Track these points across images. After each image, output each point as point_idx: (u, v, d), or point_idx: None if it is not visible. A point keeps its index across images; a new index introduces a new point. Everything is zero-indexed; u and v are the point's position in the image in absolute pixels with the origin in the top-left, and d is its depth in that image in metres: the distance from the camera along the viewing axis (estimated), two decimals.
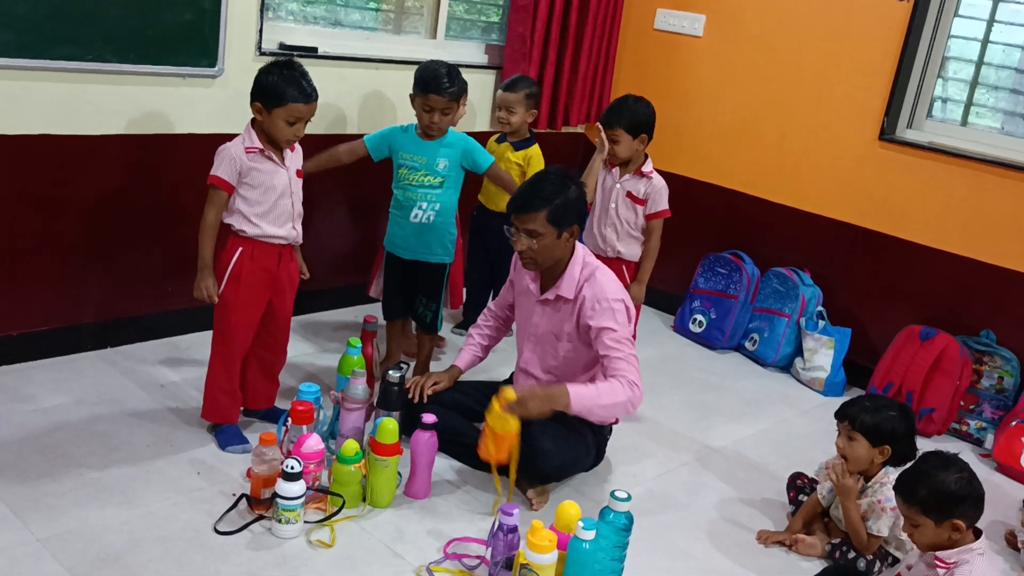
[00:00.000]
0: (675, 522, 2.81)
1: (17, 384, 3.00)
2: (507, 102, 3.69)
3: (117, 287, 3.32)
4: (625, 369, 2.66)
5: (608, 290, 2.74)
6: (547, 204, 2.66)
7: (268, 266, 2.76)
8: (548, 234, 2.69)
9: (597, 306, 2.71)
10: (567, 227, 2.71)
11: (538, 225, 2.67)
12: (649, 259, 3.40)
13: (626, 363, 2.67)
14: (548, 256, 2.74)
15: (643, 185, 3.35)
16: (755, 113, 4.37)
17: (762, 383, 4.03)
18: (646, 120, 3.32)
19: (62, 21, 2.88)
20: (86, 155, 3.11)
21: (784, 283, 4.21)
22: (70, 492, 2.48)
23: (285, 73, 2.64)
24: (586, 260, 2.82)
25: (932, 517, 2.18)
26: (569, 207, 2.70)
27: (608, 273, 2.81)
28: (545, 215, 2.66)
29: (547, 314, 2.85)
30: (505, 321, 3.12)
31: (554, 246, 2.72)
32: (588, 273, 2.78)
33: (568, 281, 2.77)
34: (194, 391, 3.05)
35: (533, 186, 2.75)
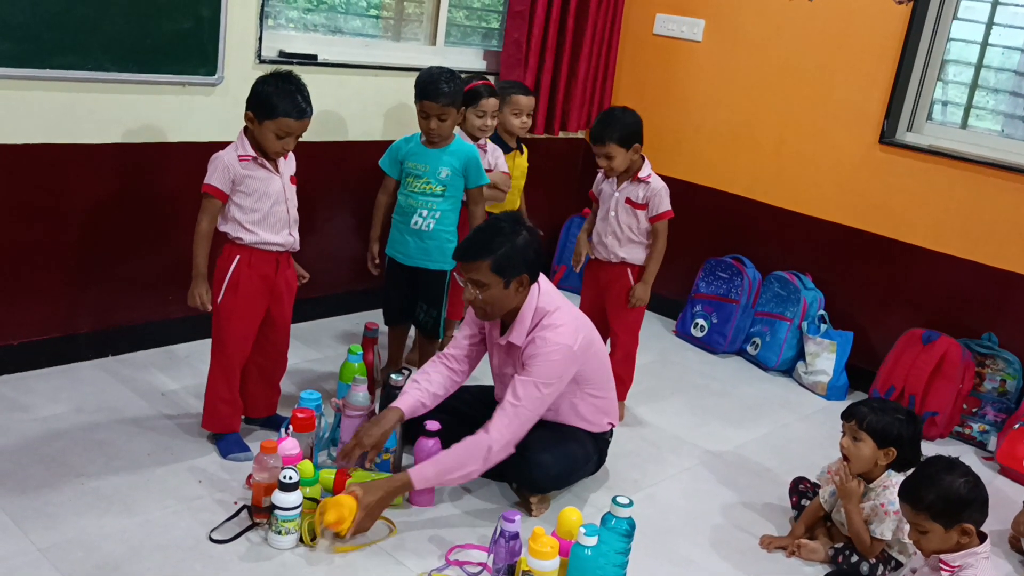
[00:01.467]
0: (677, 528, 2.79)
1: (16, 393, 2.99)
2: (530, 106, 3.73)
3: (116, 295, 3.32)
4: (497, 424, 2.55)
5: (548, 338, 2.60)
6: (490, 254, 2.53)
7: (266, 273, 2.76)
8: (494, 284, 2.55)
9: (531, 347, 2.62)
10: (514, 276, 2.57)
11: (482, 275, 2.54)
12: (654, 261, 3.37)
13: (506, 418, 2.56)
14: (497, 307, 2.61)
15: (641, 190, 3.34)
16: (755, 117, 4.37)
17: (764, 387, 4.02)
18: (636, 129, 3.27)
19: (61, 30, 2.88)
20: (85, 164, 3.11)
21: (785, 287, 4.20)
22: (70, 501, 2.47)
23: (281, 86, 2.62)
24: (539, 305, 2.66)
25: (941, 522, 2.17)
26: (515, 256, 2.55)
27: (563, 316, 2.67)
28: (488, 264, 2.53)
29: (504, 358, 2.80)
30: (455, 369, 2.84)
31: (503, 296, 2.58)
32: (538, 320, 2.65)
33: (519, 329, 2.66)
34: (193, 399, 3.04)
35: (480, 233, 2.63)
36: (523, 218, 2.70)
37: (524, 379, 2.59)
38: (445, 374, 2.81)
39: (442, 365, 2.83)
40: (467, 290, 2.60)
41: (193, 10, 3.15)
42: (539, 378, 2.59)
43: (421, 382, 2.77)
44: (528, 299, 2.66)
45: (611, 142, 3.22)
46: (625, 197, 3.33)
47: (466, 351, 2.85)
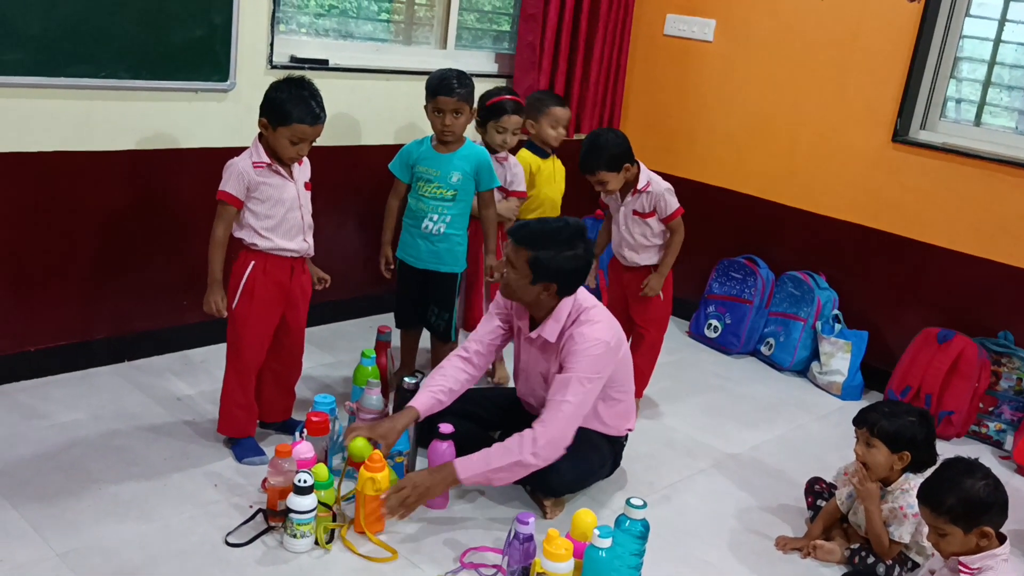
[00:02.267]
0: (692, 529, 2.79)
1: (34, 401, 3.02)
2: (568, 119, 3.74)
3: (132, 301, 3.34)
4: (546, 420, 2.55)
5: (587, 334, 2.62)
6: (533, 248, 2.57)
7: (280, 279, 2.77)
8: (522, 274, 2.60)
9: (571, 344, 2.63)
10: (543, 280, 2.59)
11: (517, 260, 2.60)
12: (670, 253, 3.40)
13: (554, 415, 2.56)
14: (516, 292, 2.66)
15: (644, 200, 3.36)
16: (767, 117, 4.36)
17: (778, 388, 4.01)
18: (622, 150, 3.27)
19: (75, 39, 2.91)
20: (100, 171, 3.13)
21: (799, 287, 4.19)
22: (88, 507, 2.49)
23: (294, 92, 2.63)
24: (576, 305, 2.68)
25: (961, 525, 2.16)
26: (554, 266, 2.57)
27: (600, 313, 2.70)
28: (527, 255, 2.58)
29: (534, 353, 2.81)
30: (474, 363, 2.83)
31: (524, 288, 2.62)
32: (575, 316, 2.67)
33: (552, 325, 2.68)
34: (209, 404, 3.06)
35: (544, 224, 2.66)
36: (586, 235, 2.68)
37: (567, 376, 2.60)
38: (461, 368, 2.81)
39: (459, 360, 2.82)
40: (500, 262, 2.62)
41: (205, 17, 3.17)
42: (582, 373, 2.60)
43: (437, 379, 2.77)
44: (563, 302, 2.68)
45: (600, 170, 3.25)
46: (632, 210, 3.37)
47: (486, 347, 2.85)
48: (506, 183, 3.48)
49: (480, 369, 2.85)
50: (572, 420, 2.60)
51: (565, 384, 2.59)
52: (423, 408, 2.69)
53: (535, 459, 2.53)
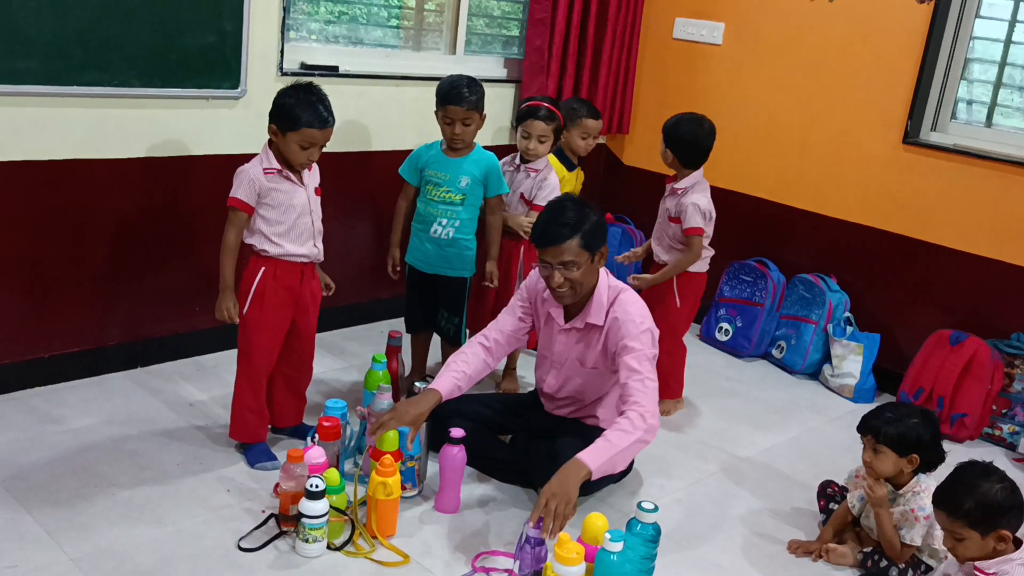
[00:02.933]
0: (704, 533, 2.78)
1: (48, 406, 3.04)
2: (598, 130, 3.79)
3: (144, 307, 3.37)
4: (638, 399, 2.58)
5: (633, 311, 2.70)
6: (578, 230, 2.60)
7: (291, 284, 2.78)
8: (583, 261, 2.63)
9: (623, 327, 2.68)
10: (597, 249, 2.67)
11: (573, 254, 2.61)
12: (672, 267, 3.44)
13: (643, 392, 2.60)
14: (586, 284, 2.70)
15: (674, 204, 3.42)
16: (777, 119, 4.35)
17: (790, 391, 4.00)
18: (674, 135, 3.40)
19: (87, 47, 2.93)
20: (112, 178, 3.16)
21: (810, 289, 4.18)
22: (101, 511, 2.50)
23: (302, 97, 2.65)
24: (610, 283, 2.77)
25: (979, 529, 2.15)
26: (597, 228, 2.65)
27: (632, 294, 2.78)
28: (578, 242, 2.61)
29: (571, 342, 2.82)
30: (493, 353, 2.85)
31: (590, 272, 2.68)
32: (613, 296, 2.74)
33: (596, 308, 2.73)
34: (221, 409, 3.08)
35: (556, 216, 2.64)
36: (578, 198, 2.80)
37: (634, 355, 2.63)
38: (481, 357, 2.82)
39: (480, 348, 2.83)
40: (555, 275, 2.62)
41: (216, 25, 3.20)
42: (646, 347, 2.66)
43: (459, 363, 2.77)
44: (600, 279, 2.74)
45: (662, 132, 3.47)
46: (665, 208, 3.45)
47: (506, 338, 2.87)
48: (529, 195, 3.45)
49: (497, 360, 2.88)
50: (655, 393, 2.64)
51: (637, 361, 2.62)
52: (445, 391, 2.70)
53: (650, 434, 2.58)
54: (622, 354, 2.66)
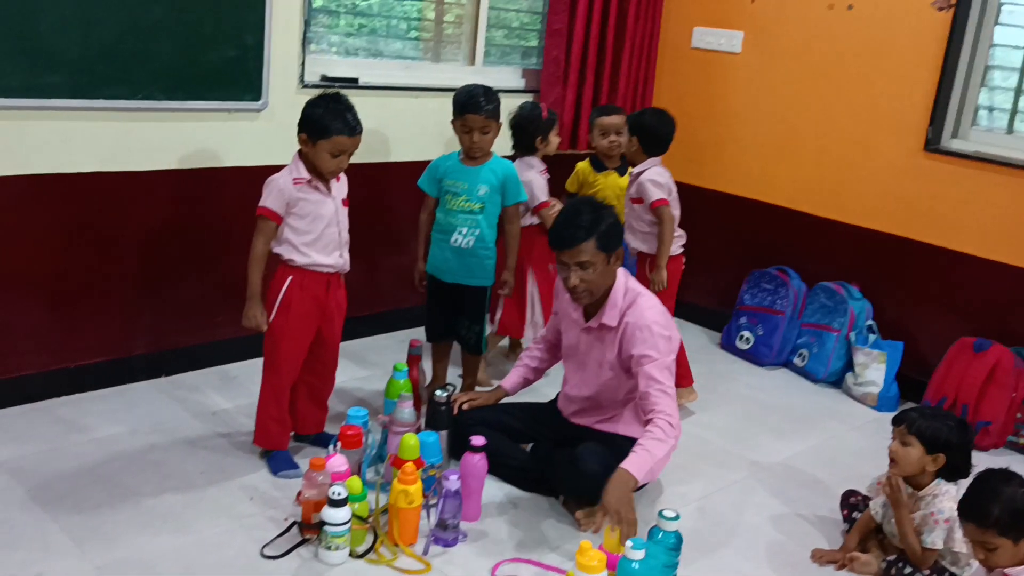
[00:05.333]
0: (726, 541, 2.77)
1: (74, 415, 3.08)
2: (616, 126, 3.76)
3: (169, 318, 3.40)
4: (662, 408, 2.61)
5: (649, 316, 2.71)
6: (593, 232, 2.64)
7: (317, 294, 2.81)
8: (599, 262, 2.67)
9: (639, 334, 2.68)
10: (613, 250, 2.70)
11: (589, 255, 2.65)
12: (663, 244, 3.51)
13: (664, 400, 2.62)
14: (601, 285, 2.72)
15: (634, 187, 3.55)
16: (796, 127, 4.34)
17: (812, 399, 3.98)
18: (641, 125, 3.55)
19: (111, 62, 2.98)
20: (137, 191, 3.20)
21: (832, 297, 4.16)
22: (126, 520, 2.53)
23: (331, 106, 2.69)
24: (628, 286, 2.79)
25: (1010, 536, 2.13)
26: (612, 230, 2.69)
27: (651, 299, 2.79)
28: (594, 243, 2.64)
29: (590, 342, 2.84)
30: (555, 347, 3.08)
31: (606, 273, 2.71)
32: (631, 299, 2.76)
33: (611, 309, 2.75)
34: (245, 418, 3.10)
35: (572, 218, 2.68)
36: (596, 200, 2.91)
37: (652, 364, 2.65)
38: (544, 348, 3.10)
39: (543, 343, 3.11)
40: (572, 276, 2.68)
41: (238, 38, 3.24)
42: (664, 355, 2.68)
43: (526, 361, 3.10)
44: (617, 280, 2.77)
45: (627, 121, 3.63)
46: (629, 195, 3.58)
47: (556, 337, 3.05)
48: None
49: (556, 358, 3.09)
50: (673, 400, 2.67)
51: (657, 370, 2.64)
52: (511, 388, 3.06)
53: (676, 439, 2.64)
54: (641, 363, 2.66)
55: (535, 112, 3.64)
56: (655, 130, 3.55)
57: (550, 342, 3.10)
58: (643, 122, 3.56)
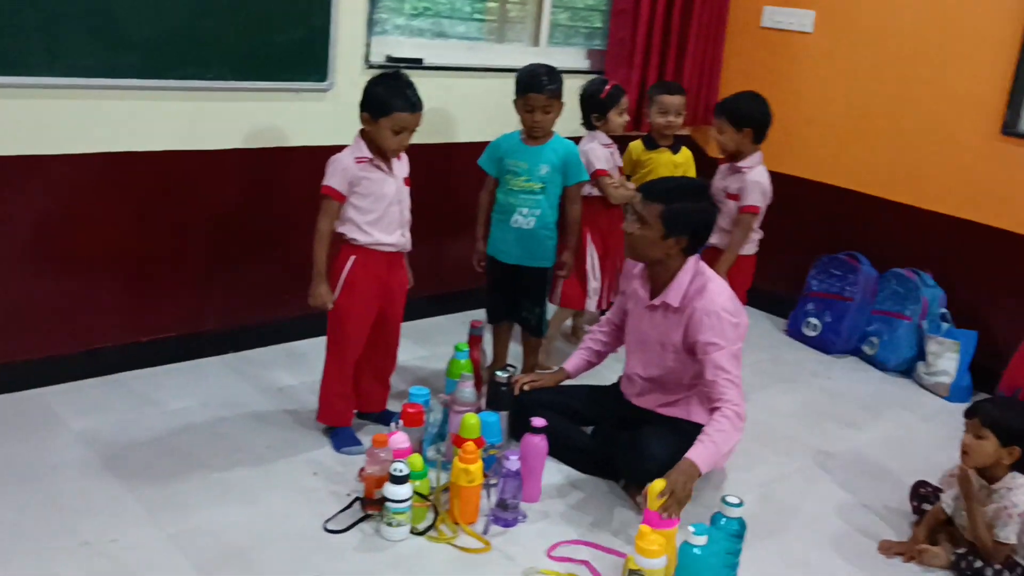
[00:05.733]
0: (791, 529, 2.73)
1: (147, 388, 3.17)
2: (677, 106, 3.71)
3: (238, 295, 3.47)
4: (730, 397, 2.58)
5: (719, 302, 2.66)
6: (667, 202, 2.63)
7: (379, 273, 2.83)
8: (654, 229, 2.64)
9: (706, 320, 2.64)
10: (675, 235, 2.65)
11: (649, 216, 2.64)
12: (730, 251, 3.40)
13: (731, 390, 2.60)
14: (645, 250, 2.70)
15: (736, 181, 3.39)
16: (869, 109, 4.23)
17: (882, 388, 3.88)
18: (751, 115, 3.36)
19: (184, 43, 3.03)
20: (207, 169, 3.26)
21: (904, 284, 4.05)
22: (196, 491, 2.59)
23: (391, 84, 2.70)
24: (698, 270, 2.75)
25: None
26: (686, 218, 2.65)
27: (721, 285, 2.74)
28: (660, 209, 2.63)
29: (654, 321, 2.81)
30: (619, 330, 3.06)
31: (655, 244, 2.67)
32: (700, 284, 2.71)
33: (675, 289, 2.72)
34: (310, 394, 3.15)
35: (673, 181, 2.90)
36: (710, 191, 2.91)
37: (719, 353, 2.62)
38: (608, 331, 3.08)
39: (607, 325, 3.09)
40: (629, 221, 2.69)
41: (305, 20, 3.27)
42: (731, 343, 2.64)
43: (588, 343, 3.10)
44: (686, 263, 2.73)
45: (722, 117, 3.37)
46: (723, 187, 3.41)
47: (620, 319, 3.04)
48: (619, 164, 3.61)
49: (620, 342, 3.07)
50: (739, 390, 2.64)
51: (725, 360, 2.62)
52: (572, 370, 3.08)
53: (739, 420, 2.61)
54: (708, 351, 2.63)
55: (592, 88, 3.56)
56: (764, 119, 3.38)
57: (614, 324, 3.08)
58: (752, 112, 3.37)
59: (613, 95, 3.53)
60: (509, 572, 2.38)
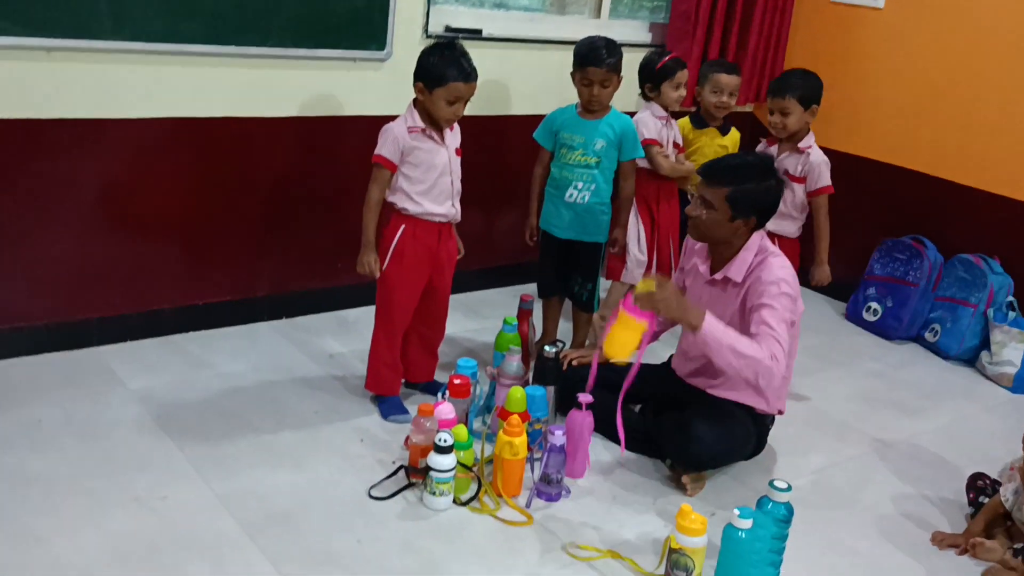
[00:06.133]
0: (840, 517, 2.67)
1: (201, 351, 3.22)
2: (732, 87, 3.63)
3: (291, 262, 3.51)
4: (771, 342, 2.49)
5: (778, 274, 2.60)
6: (733, 183, 2.58)
7: (429, 243, 2.83)
8: (721, 212, 2.60)
9: (762, 288, 2.59)
10: (742, 216, 2.60)
11: (715, 199, 2.59)
12: (823, 238, 3.33)
13: (774, 339, 2.50)
14: (712, 232, 2.66)
15: (800, 162, 3.30)
16: (940, 88, 4.08)
17: (943, 376, 3.77)
18: (817, 92, 3.27)
19: (244, 10, 3.05)
20: (265, 136, 3.29)
21: (970, 270, 3.91)
22: (245, 453, 2.63)
23: (446, 54, 2.68)
24: (762, 246, 2.69)
25: None
26: (754, 198, 2.60)
27: (783, 260, 2.68)
28: (726, 192, 2.58)
29: (713, 296, 2.76)
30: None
31: (722, 226, 2.63)
32: (761, 259, 2.66)
33: (739, 264, 2.67)
34: (359, 362, 3.17)
35: (735, 159, 2.76)
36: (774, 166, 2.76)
37: (769, 311, 2.54)
38: None
39: None
40: (694, 203, 2.65)
41: None
42: (782, 309, 2.55)
43: None
44: (752, 237, 2.68)
45: (792, 97, 3.24)
46: (784, 168, 3.28)
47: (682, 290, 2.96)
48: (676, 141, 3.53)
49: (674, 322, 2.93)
50: (783, 353, 2.50)
51: (774, 320, 2.52)
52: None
53: (769, 371, 2.46)
54: (759, 310, 2.57)
55: (649, 59, 3.49)
56: (821, 93, 3.31)
57: None
58: (818, 89, 3.29)
59: (669, 68, 3.43)
60: (550, 546, 2.37)
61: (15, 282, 2.97)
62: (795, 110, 3.25)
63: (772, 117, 3.31)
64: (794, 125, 3.27)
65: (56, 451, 2.54)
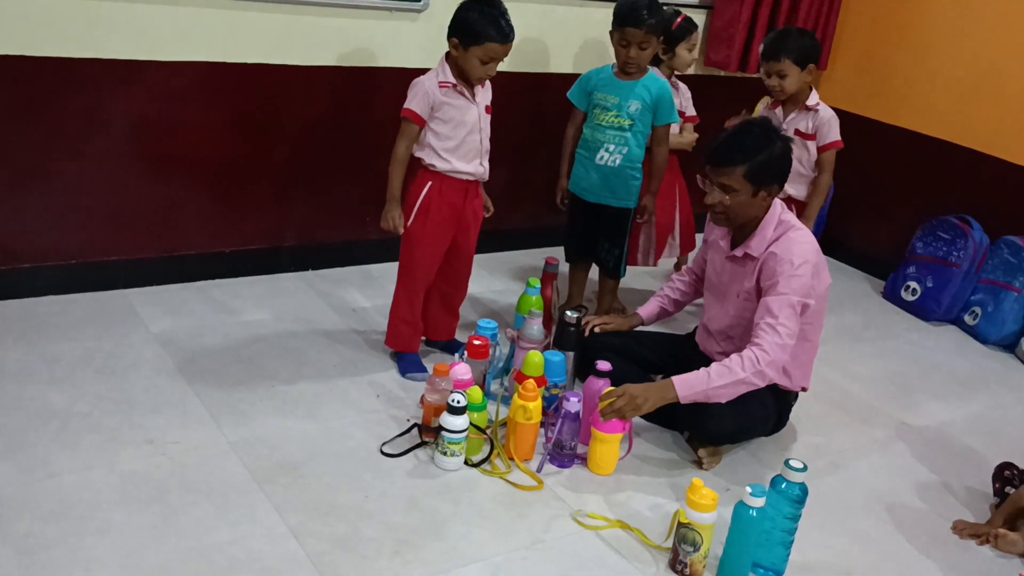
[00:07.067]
0: (858, 501, 2.61)
1: (226, 297, 3.24)
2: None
3: (319, 213, 3.49)
4: (764, 345, 2.45)
5: (796, 251, 2.52)
6: (747, 160, 2.48)
7: (455, 201, 2.79)
8: (743, 191, 2.51)
9: (775, 266, 2.52)
10: (765, 186, 2.52)
11: (733, 181, 2.50)
12: (818, 196, 3.26)
13: (769, 336, 2.45)
14: (741, 214, 2.57)
15: (810, 119, 3.23)
16: (1000, 65, 3.90)
17: (980, 362, 3.66)
18: (814, 49, 3.20)
19: None
20: (297, 85, 3.26)
21: (1017, 254, 3.78)
22: (260, 401, 2.64)
23: (485, 11, 2.61)
24: (782, 218, 2.61)
25: None
26: (771, 165, 2.51)
27: (804, 234, 2.60)
28: (743, 171, 2.49)
29: (733, 272, 2.69)
30: (699, 281, 2.96)
31: (748, 204, 2.54)
32: (781, 232, 2.58)
33: (759, 240, 2.59)
34: (381, 317, 3.15)
35: (734, 137, 2.55)
36: (776, 126, 2.66)
37: (777, 298, 2.49)
38: (688, 282, 2.98)
39: (688, 275, 2.99)
40: (712, 194, 2.56)
41: None
42: (793, 293, 2.50)
43: (666, 291, 2.99)
44: (771, 210, 2.60)
45: (787, 58, 3.14)
46: (794, 128, 3.22)
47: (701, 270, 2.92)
48: (680, 108, 3.39)
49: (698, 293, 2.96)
50: (787, 345, 2.49)
51: (778, 307, 2.48)
52: (647, 316, 2.96)
53: (758, 378, 2.46)
54: (767, 293, 2.52)
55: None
56: (819, 52, 3.24)
57: (695, 274, 2.97)
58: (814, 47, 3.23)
59: (684, 28, 3.34)
60: (558, 512, 2.35)
61: (44, 219, 3.00)
62: (792, 71, 3.15)
63: (769, 80, 3.20)
64: (792, 87, 3.19)
65: (75, 388, 2.57)
